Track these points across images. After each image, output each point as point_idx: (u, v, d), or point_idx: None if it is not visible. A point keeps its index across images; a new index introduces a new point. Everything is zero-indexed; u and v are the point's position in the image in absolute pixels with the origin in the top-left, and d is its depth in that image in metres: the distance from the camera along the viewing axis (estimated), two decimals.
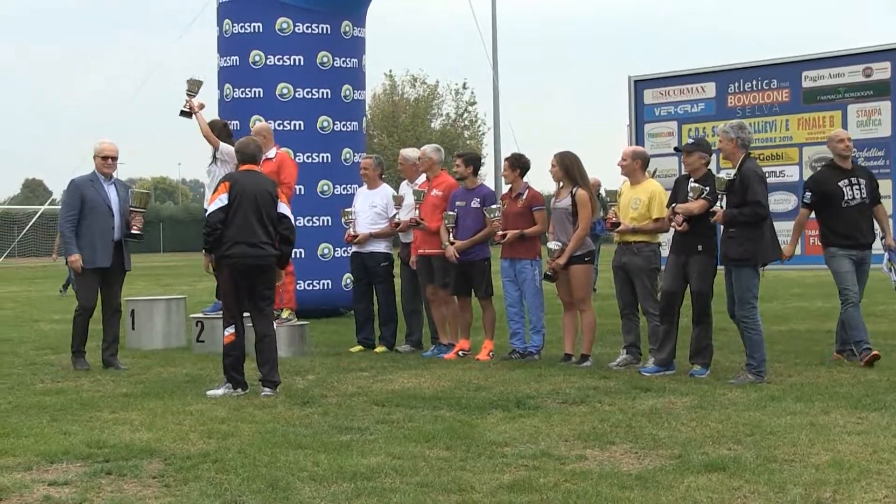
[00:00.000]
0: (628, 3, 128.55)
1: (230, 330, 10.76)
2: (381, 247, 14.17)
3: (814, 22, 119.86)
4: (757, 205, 10.94)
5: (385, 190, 14.32)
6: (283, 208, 11.03)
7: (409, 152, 14.28)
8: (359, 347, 14.11)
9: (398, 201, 13.96)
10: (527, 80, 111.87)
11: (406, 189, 14.07)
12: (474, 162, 13.60)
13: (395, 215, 13.97)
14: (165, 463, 7.72)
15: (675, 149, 12.79)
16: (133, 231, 12.66)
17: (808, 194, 12.23)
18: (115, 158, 12.74)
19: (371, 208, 14.10)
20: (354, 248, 14.26)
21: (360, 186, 14.87)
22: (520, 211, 12.83)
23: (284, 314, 13.87)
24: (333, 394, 10.68)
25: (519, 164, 13.05)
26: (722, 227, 11.14)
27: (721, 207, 11.05)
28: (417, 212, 13.50)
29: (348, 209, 14.33)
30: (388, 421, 9.17)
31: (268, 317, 10.94)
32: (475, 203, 13.14)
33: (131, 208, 12.66)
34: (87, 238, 12.53)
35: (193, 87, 13.96)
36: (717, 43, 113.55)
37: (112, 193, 12.66)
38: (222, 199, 10.74)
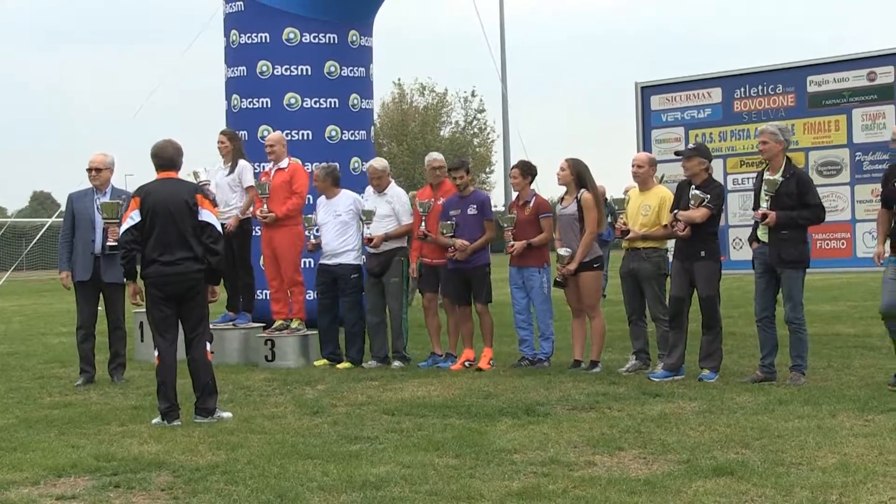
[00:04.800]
0: (635, 9, 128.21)
1: (156, 353, 9.99)
2: (350, 258, 13.59)
3: (818, 27, 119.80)
4: (819, 208, 11.06)
5: (345, 196, 13.80)
6: (207, 215, 9.89)
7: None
8: (323, 361, 13.65)
9: (368, 216, 13.40)
10: (535, 87, 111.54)
11: (376, 199, 13.61)
12: (532, 171, 12.99)
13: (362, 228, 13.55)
14: (174, 475, 7.74)
15: (676, 153, 12.79)
16: (109, 243, 12.29)
17: None
18: (98, 170, 12.46)
19: (336, 217, 13.60)
20: (323, 260, 13.73)
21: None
22: (528, 218, 12.80)
23: (294, 324, 13.88)
24: (343, 403, 10.71)
25: (530, 172, 12.93)
26: (767, 229, 10.97)
27: (763, 209, 10.93)
28: (424, 224, 13.29)
29: (310, 215, 13.85)
30: (397, 430, 9.19)
31: (199, 342, 10.03)
32: (472, 210, 13.02)
33: (103, 220, 12.32)
34: (75, 252, 12.50)
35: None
36: (723, 48, 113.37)
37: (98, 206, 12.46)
38: (133, 218, 9.86)
